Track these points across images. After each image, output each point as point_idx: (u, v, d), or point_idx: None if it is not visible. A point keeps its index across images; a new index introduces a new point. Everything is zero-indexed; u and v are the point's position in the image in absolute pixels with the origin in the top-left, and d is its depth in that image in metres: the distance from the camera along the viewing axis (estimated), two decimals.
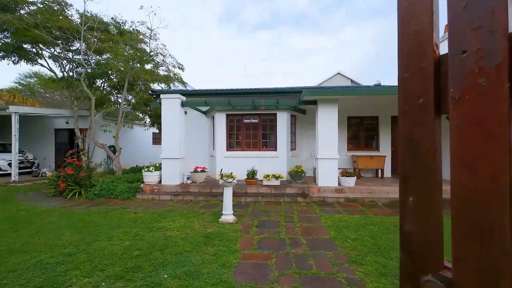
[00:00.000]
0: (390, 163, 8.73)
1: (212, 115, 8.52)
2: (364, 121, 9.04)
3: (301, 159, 8.83)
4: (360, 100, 7.39)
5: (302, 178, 7.13)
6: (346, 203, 6.28)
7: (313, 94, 6.47)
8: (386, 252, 3.55)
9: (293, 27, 71.81)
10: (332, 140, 6.85)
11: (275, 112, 7.75)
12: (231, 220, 4.88)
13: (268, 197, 6.56)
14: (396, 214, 5.33)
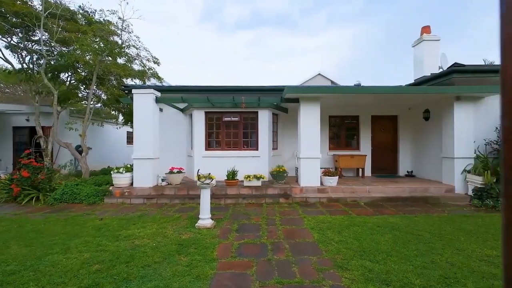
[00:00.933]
0: (370, 162, 8.80)
1: (190, 113, 8.06)
2: (345, 121, 9.05)
3: (283, 159, 8.63)
4: (342, 99, 7.33)
5: (284, 178, 6.91)
6: (328, 203, 6.14)
7: (295, 91, 6.28)
8: (371, 255, 3.39)
9: (274, 28, 72.43)
10: (314, 139, 6.70)
11: (256, 110, 7.47)
12: (208, 224, 4.52)
13: (249, 198, 6.25)
14: (378, 214, 5.27)
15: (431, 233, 4.19)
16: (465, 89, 6.10)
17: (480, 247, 3.63)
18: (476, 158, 6.41)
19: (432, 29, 8.51)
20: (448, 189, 6.55)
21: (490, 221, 4.75)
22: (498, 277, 2.84)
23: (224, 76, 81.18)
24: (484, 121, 6.57)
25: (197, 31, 64.58)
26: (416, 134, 8.56)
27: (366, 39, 57.59)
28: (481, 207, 5.71)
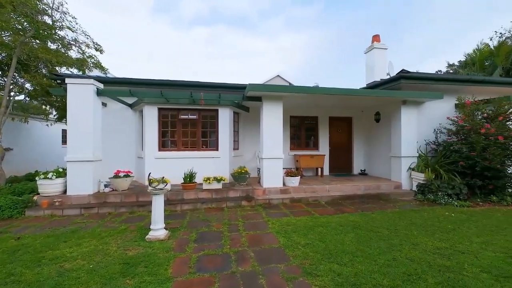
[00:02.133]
0: (328, 162, 9.10)
1: (141, 109, 7.17)
2: (305, 121, 9.19)
3: (244, 160, 8.33)
4: (303, 100, 7.36)
5: (246, 179, 6.60)
6: (291, 204, 6.04)
7: (258, 89, 6.04)
8: (338, 257, 3.29)
9: (232, 27, 71.90)
10: (277, 139, 6.55)
11: (216, 108, 7.01)
12: (162, 235, 3.93)
13: (208, 203, 5.77)
14: (339, 213, 5.35)
15: (388, 229, 4.35)
16: (412, 94, 6.67)
17: (431, 240, 3.86)
18: (419, 157, 7.08)
19: (381, 38, 9.23)
20: (396, 185, 7.10)
21: (433, 214, 5.19)
22: (451, 269, 2.98)
23: (180, 74, 77.46)
24: (425, 123, 7.30)
25: (150, 25, 60.16)
26: (368, 135, 9.16)
27: (322, 45, 61.36)
28: (423, 201, 6.28)
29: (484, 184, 6.13)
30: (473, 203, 5.97)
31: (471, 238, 3.97)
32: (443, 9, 40.59)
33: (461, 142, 6.31)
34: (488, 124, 6.02)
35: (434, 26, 41.57)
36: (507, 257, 3.31)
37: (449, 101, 7.37)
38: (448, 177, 6.35)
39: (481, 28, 33.38)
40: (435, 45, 42.38)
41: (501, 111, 6.16)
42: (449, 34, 40.51)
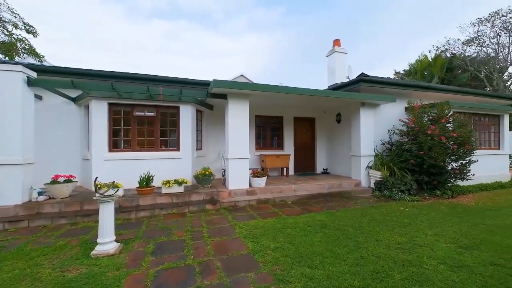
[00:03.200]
0: (293, 161, 9.19)
1: (87, 103, 6.25)
2: (271, 121, 9.14)
3: (208, 160, 7.90)
4: (269, 99, 7.26)
5: (210, 181, 6.21)
6: (258, 205, 5.85)
7: (223, 86, 5.72)
8: (309, 260, 3.18)
9: (195, 23, 69.10)
10: (243, 139, 6.31)
11: (177, 104, 6.47)
12: (112, 250, 3.37)
13: (168, 208, 5.24)
14: (306, 212, 5.33)
15: (353, 227, 4.44)
16: (370, 96, 7.06)
17: (392, 235, 4.02)
18: (375, 156, 7.54)
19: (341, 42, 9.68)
20: (356, 183, 7.45)
21: (391, 210, 5.51)
22: (414, 264, 3.09)
23: (135, 69, 72.14)
24: (380, 124, 7.81)
25: (102, 13, 54.23)
26: (330, 135, 9.50)
27: (284, 48, 62.98)
28: (380, 197, 6.68)
29: (430, 180, 6.77)
30: (422, 197, 6.55)
31: (425, 231, 4.26)
32: (391, 22, 45.19)
33: (412, 142, 6.88)
34: (433, 126, 6.67)
35: (385, 35, 45.98)
36: (457, 247, 3.59)
37: (401, 105, 8.02)
38: (401, 174, 6.87)
39: (426, 39, 38.10)
40: (384, 53, 46.95)
41: (443, 114, 6.90)
42: (397, 44, 45.17)
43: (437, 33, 38.62)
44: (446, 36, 31.30)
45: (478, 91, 9.83)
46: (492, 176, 8.52)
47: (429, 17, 36.11)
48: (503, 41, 16.60)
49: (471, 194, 7.13)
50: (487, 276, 2.82)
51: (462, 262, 3.13)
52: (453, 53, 18.56)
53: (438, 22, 35.66)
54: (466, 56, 18.10)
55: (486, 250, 3.48)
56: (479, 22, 17.07)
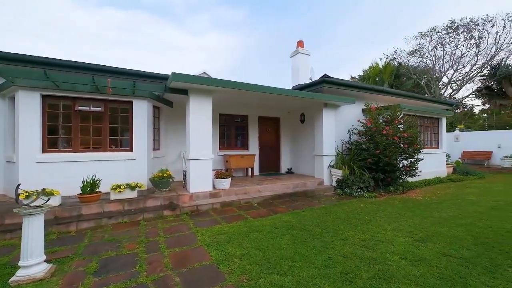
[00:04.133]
0: (258, 161, 9.04)
1: (12, 94, 5.16)
2: (235, 120, 8.85)
3: (167, 161, 7.26)
4: (234, 96, 6.97)
5: (169, 184, 5.66)
6: (222, 208, 5.51)
7: (184, 80, 5.24)
8: (277, 265, 2.99)
9: (155, 17, 64.47)
10: (206, 138, 5.90)
11: (130, 99, 5.76)
12: (40, 273, 2.73)
13: (119, 216, 4.59)
14: (273, 214, 5.18)
15: (319, 226, 4.41)
16: (333, 97, 7.25)
17: (356, 233, 4.08)
18: (337, 155, 7.80)
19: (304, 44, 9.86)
20: (320, 182, 7.60)
21: (352, 207, 5.68)
22: (378, 261, 3.12)
23: (82, 58, 64.84)
24: (340, 124, 8.12)
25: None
26: (294, 135, 9.60)
27: (248, 48, 62.83)
28: (342, 195, 6.90)
29: (385, 177, 7.23)
30: (378, 194, 6.94)
31: (384, 226, 4.42)
32: (348, 31, 48.51)
33: (369, 142, 7.27)
34: (387, 127, 7.13)
35: (342, 43, 49.16)
36: (413, 241, 3.77)
37: (359, 106, 8.46)
38: (360, 173, 7.20)
39: (378, 48, 41.72)
40: (341, 60, 50.17)
41: (395, 116, 7.44)
42: (353, 52, 48.53)
43: (388, 43, 42.79)
44: (394, 46, 34.72)
45: (422, 96, 10.96)
46: (433, 172, 9.54)
47: (381, 28, 39.77)
48: (438, 54, 19.03)
49: (418, 189, 7.83)
50: (442, 267, 2.96)
51: (420, 256, 3.26)
52: (400, 62, 20.66)
53: (388, 33, 39.50)
54: (410, 66, 20.30)
55: (438, 242, 3.71)
56: (420, 36, 19.30)
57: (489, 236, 3.94)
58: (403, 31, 39.88)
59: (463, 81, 19.16)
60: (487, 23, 16.69)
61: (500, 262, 3.09)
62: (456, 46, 18.16)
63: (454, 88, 19.57)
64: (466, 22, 17.29)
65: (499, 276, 2.78)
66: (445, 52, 18.72)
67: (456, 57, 18.45)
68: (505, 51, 17.07)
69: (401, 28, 37.25)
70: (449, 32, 17.97)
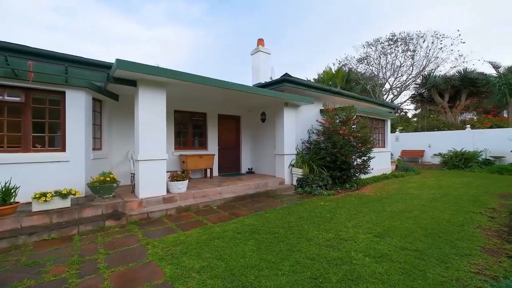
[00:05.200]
0: (218, 161, 8.59)
1: None
2: (193, 117, 8.24)
3: (112, 163, 6.32)
4: (191, 91, 6.43)
5: (113, 190, 4.86)
6: (178, 214, 4.95)
7: (132, 69, 4.53)
8: (242, 277, 2.68)
9: (102, 2, 56.58)
10: (159, 136, 5.26)
11: (62, 89, 4.77)
12: None
13: (44, 232, 3.70)
14: (234, 217, 4.84)
15: (283, 227, 4.23)
16: (294, 97, 7.25)
17: (320, 232, 4.02)
18: (297, 154, 7.85)
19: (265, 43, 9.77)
20: (281, 181, 7.54)
21: (314, 206, 5.70)
22: (345, 261, 3.05)
23: None
24: (300, 124, 8.21)
25: None
26: (255, 134, 9.40)
27: (206, 45, 60.47)
28: (303, 193, 6.93)
29: (341, 175, 7.52)
30: (335, 191, 7.18)
31: (345, 223, 4.48)
32: (305, 35, 50.57)
33: (327, 141, 7.48)
34: (344, 127, 7.44)
35: (300, 47, 51.12)
36: (373, 237, 3.85)
37: (317, 107, 8.69)
38: (319, 171, 7.35)
39: (332, 54, 44.53)
40: (298, 63, 52.16)
41: (350, 117, 7.82)
42: (310, 55, 50.53)
43: (341, 49, 46.13)
44: (346, 53, 37.62)
45: (371, 99, 11.90)
46: (380, 169, 10.39)
47: (335, 35, 42.56)
48: (382, 63, 21.21)
49: (369, 186, 8.37)
50: (402, 262, 3.02)
51: (381, 252, 3.30)
52: (350, 68, 22.41)
53: (342, 40, 42.46)
54: (359, 72, 22.18)
55: (394, 236, 3.86)
56: (367, 45, 21.23)
57: (434, 227, 4.27)
58: (354, 38, 43.50)
59: (401, 88, 21.71)
60: (420, 38, 19.20)
61: (448, 252, 3.31)
62: (396, 57, 20.47)
63: (395, 94, 22.03)
64: (404, 36, 19.62)
65: (450, 266, 2.93)
66: (387, 62, 20.93)
67: (395, 66, 20.79)
68: (433, 64, 19.90)
69: (353, 35, 40.47)
70: (390, 43, 20.14)
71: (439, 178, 9.88)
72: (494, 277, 2.70)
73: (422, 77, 20.48)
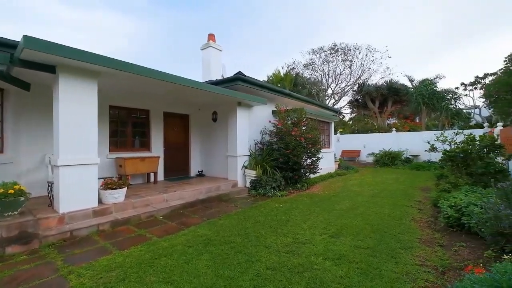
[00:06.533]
0: (163, 164, 7.73)
1: None
2: (133, 114, 7.21)
3: (19, 170, 4.97)
4: (132, 84, 5.56)
5: (19, 205, 3.75)
6: (114, 229, 4.14)
7: (48, 50, 3.55)
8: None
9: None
10: (87, 136, 4.32)
11: None
12: None
13: None
14: (184, 227, 4.30)
15: (239, 235, 3.93)
16: (248, 96, 7.01)
17: (278, 237, 3.85)
18: (250, 155, 7.65)
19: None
20: (234, 184, 7.21)
21: (269, 208, 5.56)
22: (306, 267, 2.92)
23: None
24: (253, 124, 8.04)
25: None
26: (205, 134, 8.83)
27: (149, 37, 54.71)
28: (257, 196, 6.76)
29: (293, 175, 7.64)
30: (288, 192, 7.23)
31: (301, 225, 4.43)
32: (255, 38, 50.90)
33: (280, 142, 7.49)
34: (296, 128, 7.57)
35: (250, 48, 51.24)
36: (329, 237, 3.87)
37: (269, 108, 8.67)
38: (272, 172, 7.30)
39: (281, 57, 45.95)
40: (248, 64, 52.41)
41: (301, 118, 8.03)
42: (261, 58, 51.03)
43: (289, 53, 48.15)
44: (293, 57, 39.59)
45: (318, 102, 12.63)
46: (326, 168, 11.06)
47: (284, 40, 44.06)
48: (325, 70, 23.01)
49: (318, 185, 8.76)
50: (359, 262, 3.05)
51: (338, 253, 3.30)
52: (297, 72, 23.63)
53: (290, 45, 44.20)
54: (305, 77, 23.56)
55: (347, 235, 3.96)
56: (312, 52, 22.72)
57: (379, 222, 4.57)
58: (302, 44, 45.97)
59: (341, 94, 23.94)
60: (356, 50, 21.50)
61: (394, 246, 3.52)
62: (337, 65, 22.47)
63: (336, 99, 24.15)
64: (343, 46, 21.67)
65: (399, 260, 3.09)
66: (329, 69, 22.81)
67: (336, 74, 22.80)
68: (367, 74, 22.54)
69: (301, 40, 42.61)
70: (332, 52, 21.99)
71: (374, 175, 11.06)
72: (435, 267, 2.93)
73: (358, 84, 23.01)
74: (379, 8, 32.50)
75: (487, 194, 4.63)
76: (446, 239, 3.77)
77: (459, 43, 36.92)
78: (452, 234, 3.96)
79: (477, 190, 5.17)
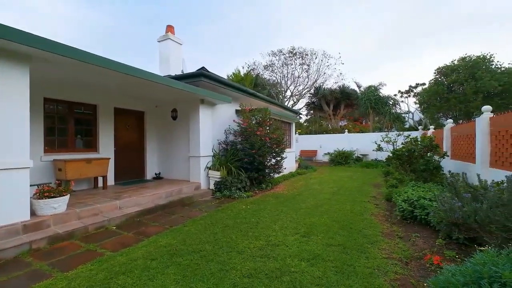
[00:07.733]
0: (114, 167, 6.84)
1: None
2: (76, 109, 6.19)
3: None
4: (74, 74, 4.73)
5: None
6: (53, 246, 3.41)
7: None
8: None
9: None
10: (15, 133, 3.49)
11: None
12: None
13: None
14: (144, 237, 3.79)
15: (209, 242, 3.62)
16: (212, 94, 6.65)
17: (250, 241, 3.66)
18: (213, 156, 7.30)
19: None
20: (197, 186, 6.78)
21: (236, 210, 5.33)
22: (283, 271, 2.81)
23: None
24: (217, 124, 7.71)
25: None
26: (164, 134, 8.12)
27: (98, 25, 48.04)
28: (222, 198, 6.47)
29: (258, 175, 7.55)
30: (253, 192, 7.11)
31: (272, 226, 4.32)
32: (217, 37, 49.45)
33: (245, 142, 7.32)
34: (261, 128, 7.49)
35: (209, 48, 49.50)
36: (301, 237, 3.84)
37: (233, 107, 8.44)
38: (237, 173, 7.09)
39: (242, 57, 45.65)
40: (209, 64, 50.84)
41: (266, 118, 8.00)
42: (222, 57, 49.65)
43: (250, 54, 48.17)
44: (254, 58, 39.74)
45: (280, 103, 12.83)
46: (288, 168, 11.29)
47: (245, 39, 43.82)
48: (284, 72, 23.70)
49: (281, 184, 8.86)
50: (333, 260, 3.07)
51: (313, 253, 3.27)
52: (258, 73, 23.81)
53: (251, 45, 44.11)
54: (265, 78, 23.90)
55: (318, 233, 3.99)
56: (272, 54, 23.17)
57: (344, 219, 4.75)
58: (262, 45, 46.48)
59: (299, 96, 24.96)
60: (313, 55, 22.64)
61: (362, 241, 3.66)
62: (295, 68, 23.35)
63: (294, 101, 25.08)
64: (301, 50, 22.61)
65: (369, 255, 3.19)
66: (288, 71, 23.57)
67: (294, 77, 23.68)
68: (322, 78, 23.94)
69: (260, 41, 43.01)
70: (290, 56, 22.76)
71: (331, 174, 11.72)
72: (399, 259, 3.11)
73: (314, 88, 24.29)
74: (335, 16, 35.18)
75: (432, 188, 5.24)
76: (402, 231, 4.08)
77: (397, 55, 42.27)
78: (407, 226, 4.32)
79: (421, 185, 5.79)
